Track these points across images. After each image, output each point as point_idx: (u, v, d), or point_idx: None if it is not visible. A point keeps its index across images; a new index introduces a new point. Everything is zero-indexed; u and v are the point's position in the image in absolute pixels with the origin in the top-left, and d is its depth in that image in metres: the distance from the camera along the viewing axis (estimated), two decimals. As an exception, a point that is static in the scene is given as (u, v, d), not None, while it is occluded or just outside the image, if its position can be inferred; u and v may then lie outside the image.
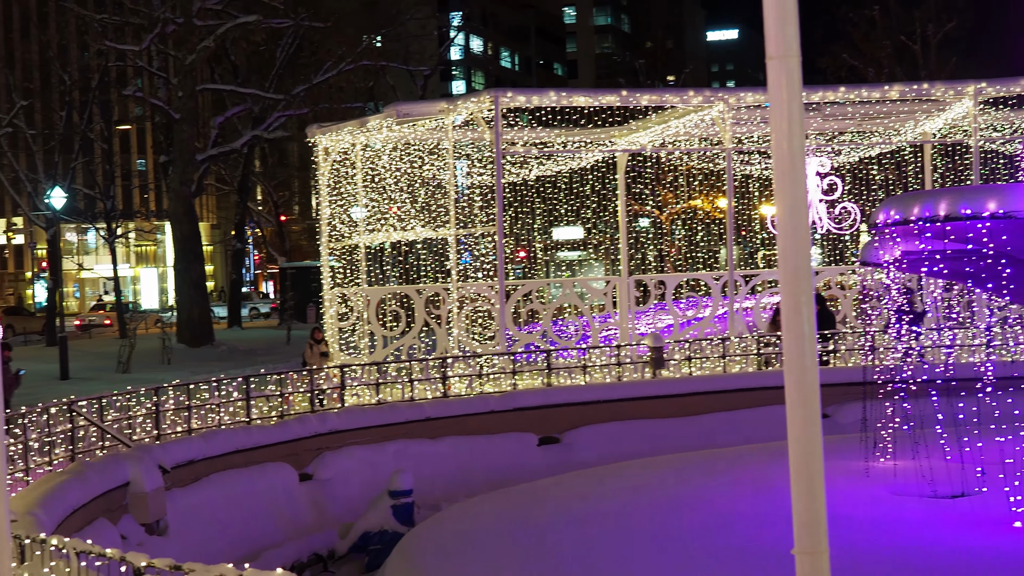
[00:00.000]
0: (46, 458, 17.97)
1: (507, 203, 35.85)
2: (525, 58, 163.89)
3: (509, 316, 29.34)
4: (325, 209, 33.84)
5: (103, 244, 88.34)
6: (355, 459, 23.06)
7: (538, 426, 25.44)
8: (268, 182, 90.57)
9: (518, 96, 29.19)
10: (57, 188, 62.51)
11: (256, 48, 70.62)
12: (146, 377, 41.94)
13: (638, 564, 14.21)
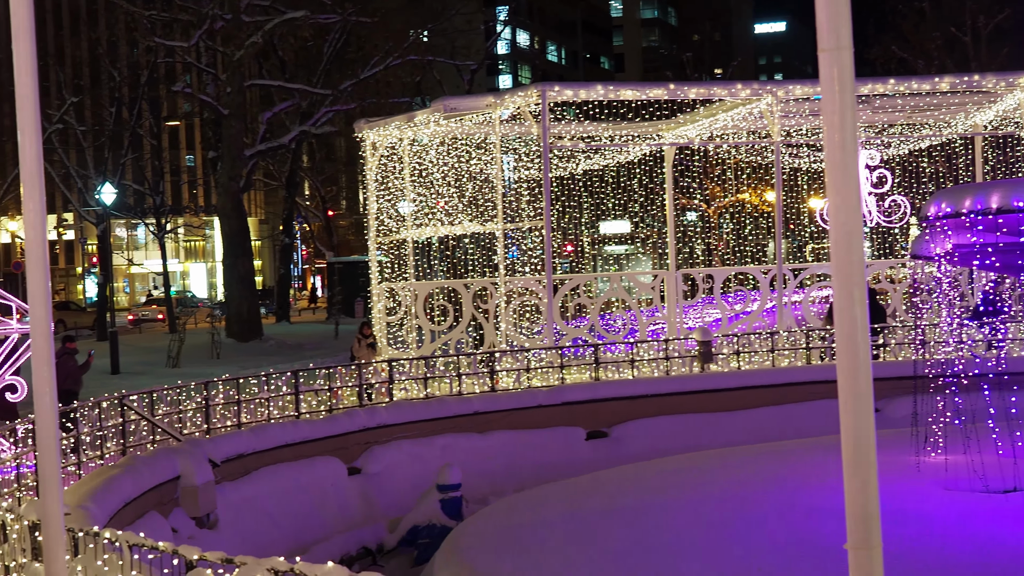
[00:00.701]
0: (98, 452, 18.12)
1: (554, 197, 35.84)
2: (572, 52, 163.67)
3: (557, 310, 29.31)
4: (373, 204, 33.92)
5: (152, 239, 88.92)
6: (403, 453, 23.12)
7: (586, 420, 25.42)
8: (316, 177, 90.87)
9: (565, 90, 29.16)
10: (107, 184, 62.96)
11: (303, 44, 70.76)
12: (195, 372, 42.18)
13: (688, 558, 14.17)
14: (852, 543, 4.92)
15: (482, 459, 23.65)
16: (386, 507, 22.09)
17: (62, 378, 25.84)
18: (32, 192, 7.51)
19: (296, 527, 20.31)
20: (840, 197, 4.82)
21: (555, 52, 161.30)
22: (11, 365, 22.06)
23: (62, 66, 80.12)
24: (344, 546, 20.35)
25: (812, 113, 33.03)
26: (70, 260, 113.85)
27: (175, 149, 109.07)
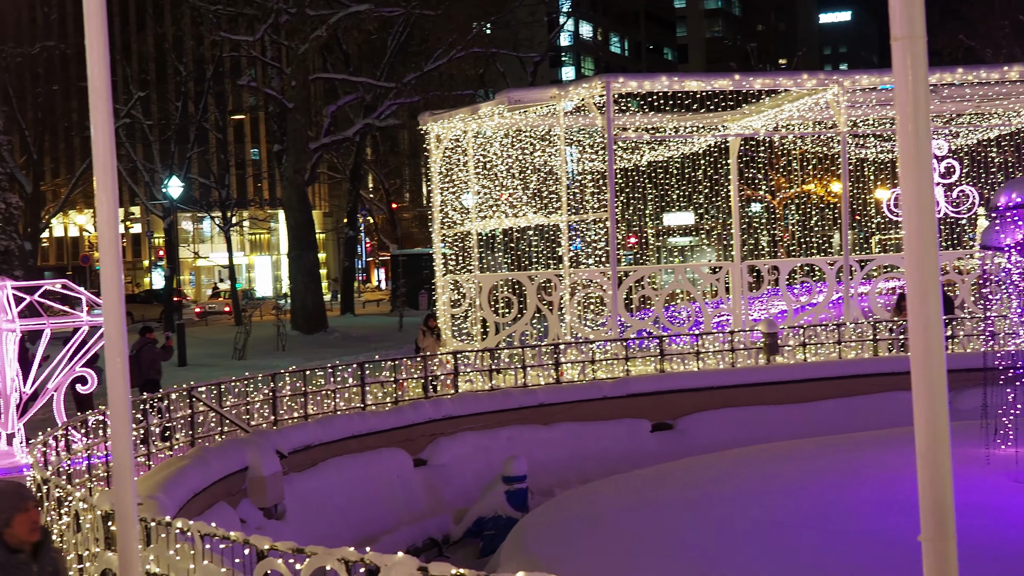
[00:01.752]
0: (167, 443, 18.29)
1: (618, 189, 35.75)
2: (635, 43, 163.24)
3: (621, 302, 29.26)
4: (437, 196, 34.00)
5: (218, 232, 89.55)
6: (469, 445, 23.19)
7: (651, 412, 25.38)
8: (380, 170, 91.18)
9: (630, 81, 29.07)
10: (174, 177, 63.49)
11: (367, 37, 71.00)
12: (261, 363, 42.45)
13: (755, 551, 14.12)
14: (926, 535, 4.89)
15: (547, 451, 23.68)
16: (452, 498, 22.16)
17: (147, 368, 26.13)
18: (105, 186, 7.58)
19: (362, 518, 20.41)
20: (914, 187, 4.78)
21: (618, 43, 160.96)
22: (81, 357, 22.32)
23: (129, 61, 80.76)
24: (410, 537, 20.43)
25: (879, 103, 32.76)
26: (137, 253, 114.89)
27: (240, 143, 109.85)
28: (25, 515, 6.67)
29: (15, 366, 22.01)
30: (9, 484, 6.78)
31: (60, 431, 14.84)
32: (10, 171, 64.18)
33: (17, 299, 21.88)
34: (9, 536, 6.60)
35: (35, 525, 6.72)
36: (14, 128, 71.30)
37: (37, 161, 73.62)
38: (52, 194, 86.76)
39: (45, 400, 22.69)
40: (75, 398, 24.01)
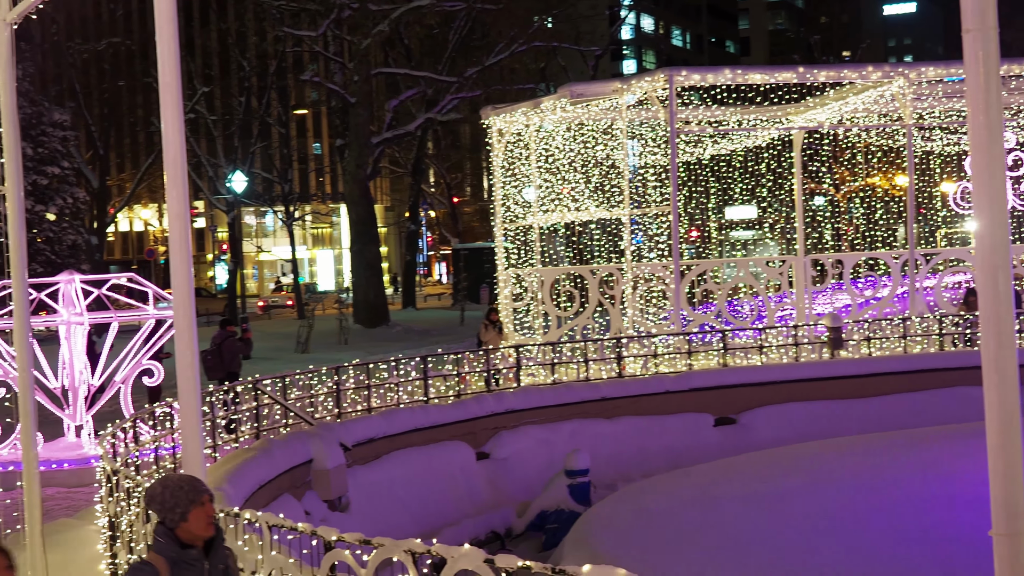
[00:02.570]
0: (232, 435, 18.44)
1: (681, 182, 35.66)
2: (697, 36, 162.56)
3: (683, 296, 29.18)
4: (498, 190, 34.03)
5: (281, 227, 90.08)
6: (531, 438, 23.22)
7: (714, 406, 25.32)
8: (441, 164, 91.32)
9: (692, 75, 28.97)
10: (237, 172, 63.90)
11: (429, 31, 71.16)
12: (324, 357, 42.65)
13: (818, 547, 14.06)
14: (997, 529, 4.87)
15: (610, 445, 23.67)
16: (514, 492, 22.21)
17: (228, 360, 26.36)
18: (175, 181, 7.67)
19: (425, 511, 20.49)
20: (985, 180, 4.76)
21: (680, 36, 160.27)
22: (148, 350, 22.54)
23: (193, 57, 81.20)
24: (473, 530, 20.49)
25: (946, 95, 32.44)
26: (200, 247, 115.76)
27: (303, 137, 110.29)
28: (201, 509, 6.52)
29: (83, 359, 22.28)
30: (185, 478, 6.68)
31: (128, 423, 14.99)
32: (77, 166, 64.88)
33: (85, 293, 22.13)
34: (183, 531, 6.48)
35: (210, 520, 6.57)
36: (81, 124, 72.00)
37: (103, 156, 74.28)
38: (118, 189, 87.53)
39: (113, 392, 22.95)
40: (148, 391, 24.24)
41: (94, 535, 13.43)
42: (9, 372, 21.05)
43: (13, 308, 12.55)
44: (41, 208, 46.32)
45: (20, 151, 12.21)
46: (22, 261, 12.15)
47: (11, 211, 12.08)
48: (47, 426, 22.69)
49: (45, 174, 47.55)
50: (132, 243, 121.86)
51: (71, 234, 49.50)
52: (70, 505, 19.17)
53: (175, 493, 6.50)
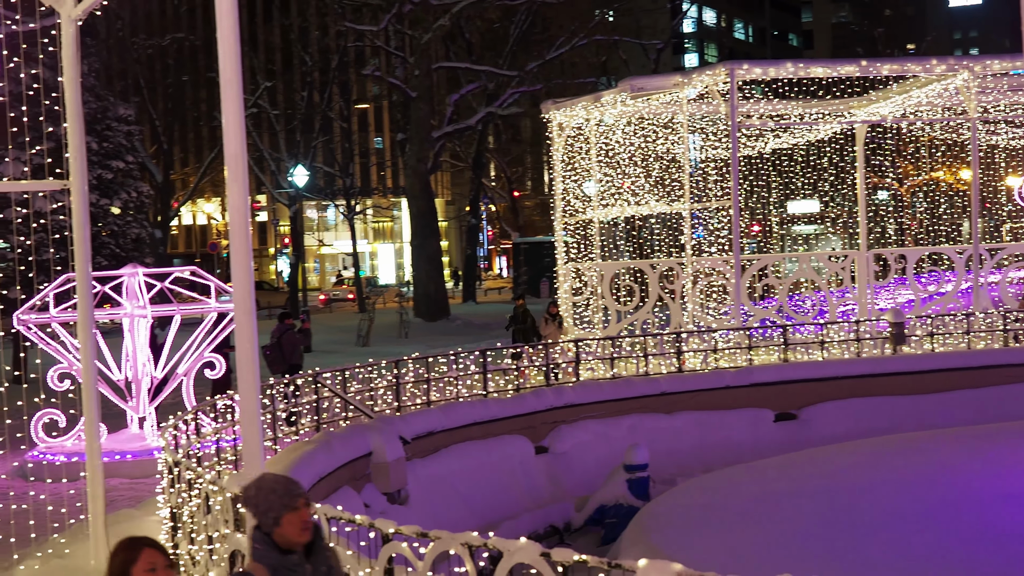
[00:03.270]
0: (293, 428, 18.56)
1: (742, 176, 35.51)
2: (759, 29, 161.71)
3: (744, 291, 29.07)
4: (559, 184, 34.02)
5: (342, 220, 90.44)
6: (590, 433, 23.20)
7: (774, 402, 25.20)
8: (501, 158, 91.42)
9: (754, 68, 28.84)
10: (299, 166, 64.25)
11: (490, 25, 71.23)
12: (384, 350, 42.81)
13: (879, 542, 13.98)
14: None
15: (669, 439, 23.62)
16: (573, 486, 22.20)
17: (289, 353, 26.56)
18: (235, 175, 7.73)
19: (484, 504, 20.53)
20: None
21: (742, 30, 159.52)
22: (210, 342, 22.74)
23: (256, 52, 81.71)
24: (532, 524, 20.50)
25: (1011, 88, 32.10)
26: (263, 241, 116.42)
27: (364, 131, 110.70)
28: (295, 514, 6.22)
29: (146, 352, 22.50)
30: (279, 480, 6.40)
31: (190, 415, 15.13)
32: (141, 160, 65.41)
33: (148, 286, 22.34)
34: (278, 536, 6.21)
35: (306, 525, 6.26)
36: (145, 118, 72.61)
37: (167, 151, 74.93)
38: (181, 183, 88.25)
39: (175, 385, 23.16)
40: (213, 383, 24.42)
41: (156, 525, 13.57)
42: (74, 364, 21.30)
43: (78, 301, 12.68)
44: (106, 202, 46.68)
45: (84, 146, 12.35)
46: (86, 255, 12.28)
47: (76, 205, 12.22)
48: (111, 418, 22.94)
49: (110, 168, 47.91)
50: (195, 237, 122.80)
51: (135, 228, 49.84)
52: (133, 496, 19.37)
53: (268, 496, 6.27)
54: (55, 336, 22.25)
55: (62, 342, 21.92)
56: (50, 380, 21.77)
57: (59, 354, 21.90)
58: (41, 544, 14.75)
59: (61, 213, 32.99)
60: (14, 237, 34.52)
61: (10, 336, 33.86)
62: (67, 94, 12.12)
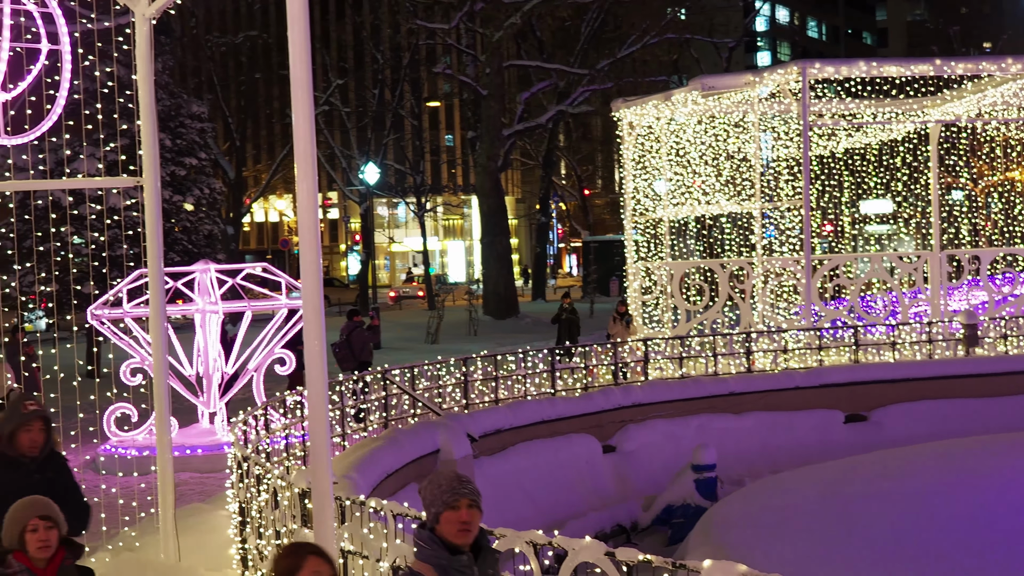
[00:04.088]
0: (361, 424, 18.64)
1: (813, 176, 35.28)
2: (833, 27, 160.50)
3: (815, 291, 28.87)
4: (629, 183, 33.94)
5: (412, 218, 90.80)
6: (658, 432, 23.15)
7: (845, 403, 25.03)
8: (572, 156, 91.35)
9: (826, 67, 28.62)
10: (370, 164, 64.50)
11: (561, 23, 71.18)
12: (453, 348, 42.95)
13: (949, 547, 13.84)
14: None
15: (737, 440, 23.52)
16: (640, 485, 22.16)
17: (359, 350, 26.71)
18: (305, 172, 7.77)
19: (551, 503, 20.53)
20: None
21: (815, 28, 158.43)
22: (281, 339, 22.89)
23: (328, 50, 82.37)
24: (598, 523, 20.48)
25: (1089, 88, 31.67)
26: (334, 238, 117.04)
27: (435, 129, 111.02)
28: (455, 513, 6.01)
29: (217, 347, 22.69)
30: (451, 476, 6.16)
31: (259, 410, 15.24)
32: (214, 157, 65.92)
33: (220, 282, 22.53)
34: (441, 533, 6.00)
35: (463, 527, 6.01)
36: (218, 116, 73.20)
37: (239, 148, 75.49)
38: (253, 180, 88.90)
39: (246, 380, 23.34)
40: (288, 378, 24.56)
41: (225, 520, 13.68)
42: (146, 359, 21.51)
43: (150, 296, 12.80)
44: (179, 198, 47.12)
45: (157, 143, 12.47)
46: (159, 250, 12.40)
47: (148, 201, 12.34)
48: (181, 413, 23.15)
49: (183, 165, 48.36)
50: (267, 233, 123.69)
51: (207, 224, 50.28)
52: (202, 490, 19.54)
53: (433, 491, 6.11)
54: (128, 331, 22.49)
55: (135, 337, 22.16)
56: (122, 374, 22.01)
57: (132, 349, 22.14)
58: (112, 537, 14.91)
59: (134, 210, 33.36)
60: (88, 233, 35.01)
61: (84, 331, 34.31)
62: (141, 92, 12.24)
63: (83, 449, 22.46)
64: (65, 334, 33.04)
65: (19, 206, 36.00)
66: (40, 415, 8.74)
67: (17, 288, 32.25)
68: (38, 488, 7.93)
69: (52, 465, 8.88)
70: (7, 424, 8.72)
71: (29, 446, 8.70)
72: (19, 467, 8.64)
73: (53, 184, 15.31)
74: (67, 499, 8.31)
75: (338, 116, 77.15)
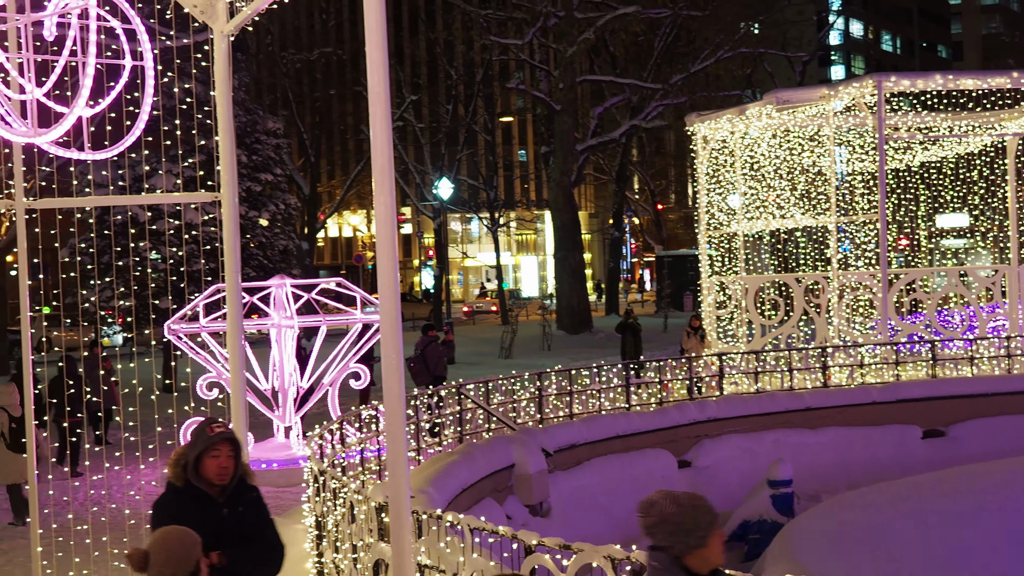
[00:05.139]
0: (436, 439, 18.68)
1: (889, 189, 34.99)
2: (907, 41, 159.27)
3: (891, 305, 28.63)
4: (703, 197, 33.85)
5: (486, 233, 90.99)
6: (733, 447, 23.04)
7: (922, 418, 24.79)
8: (645, 171, 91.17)
9: (902, 80, 28.42)
10: (444, 179, 64.71)
11: (634, 39, 71.10)
12: (527, 363, 42.93)
13: (1030, 564, 13.67)
14: None
15: (813, 455, 23.36)
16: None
17: (433, 365, 26.80)
18: (383, 186, 7.81)
19: (626, 518, 20.38)
20: None
21: (889, 41, 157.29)
22: (355, 353, 23.00)
23: (402, 65, 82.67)
24: (674, 538, 20.34)
25: None
26: (407, 253, 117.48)
27: (508, 144, 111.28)
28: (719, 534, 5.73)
29: (293, 362, 22.82)
30: (698, 497, 5.83)
31: (335, 425, 15.31)
32: (289, 173, 66.47)
33: (295, 297, 22.68)
34: (696, 559, 5.67)
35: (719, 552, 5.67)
36: (293, 132, 73.74)
37: (314, 163, 75.97)
38: (327, 195, 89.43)
39: (321, 395, 23.47)
40: (359, 393, 24.68)
41: (301, 534, 13.74)
42: (222, 373, 21.68)
43: (227, 311, 12.90)
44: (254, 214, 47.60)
45: (235, 159, 12.57)
46: (236, 265, 12.49)
47: (226, 217, 12.44)
48: (257, 427, 23.33)
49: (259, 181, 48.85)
50: (341, 248, 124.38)
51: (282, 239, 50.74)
52: (278, 504, 19.65)
53: (694, 514, 5.72)
54: (204, 346, 22.67)
55: (211, 352, 22.33)
56: (199, 389, 22.19)
57: (208, 363, 22.31)
58: (190, 549, 15.01)
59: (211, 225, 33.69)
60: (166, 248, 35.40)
61: (161, 345, 34.67)
62: (219, 108, 12.35)
63: (161, 463, 22.67)
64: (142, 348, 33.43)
65: (98, 222, 36.48)
66: (227, 438, 7.69)
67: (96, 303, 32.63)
68: (227, 525, 7.45)
69: (243, 498, 7.83)
70: (191, 450, 7.64)
71: (217, 474, 7.64)
72: (205, 501, 7.60)
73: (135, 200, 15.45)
74: (258, 538, 7.74)
75: (412, 131, 77.53)
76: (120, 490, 21.35)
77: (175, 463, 7.65)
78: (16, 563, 16.39)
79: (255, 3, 11.13)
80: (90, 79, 7.78)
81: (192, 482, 7.57)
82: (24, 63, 8.23)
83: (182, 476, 7.60)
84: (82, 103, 7.95)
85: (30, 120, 8.30)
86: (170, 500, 7.57)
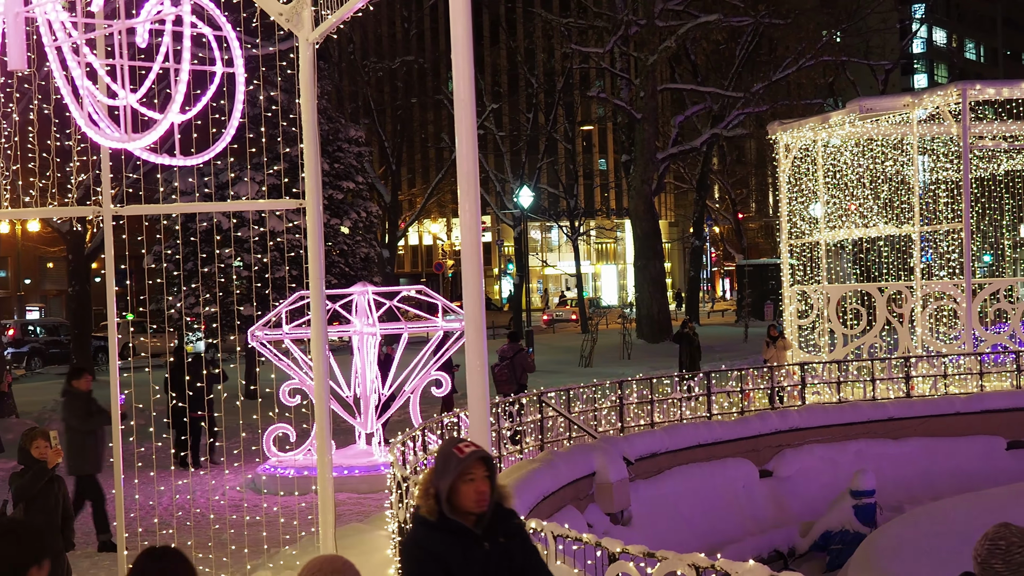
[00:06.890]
0: (517, 446, 18.73)
1: (974, 199, 34.61)
2: (991, 49, 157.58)
3: (975, 315, 28.34)
4: (784, 206, 33.68)
5: (566, 241, 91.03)
6: (816, 457, 22.89)
7: (1007, 429, 24.49)
8: (726, 179, 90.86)
9: (987, 88, 28.15)
10: (524, 187, 64.81)
11: (716, 47, 70.93)
12: (607, 371, 42.92)
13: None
14: None
15: (896, 466, 23.16)
16: (797, 511, 21.93)
17: (519, 373, 26.89)
18: (467, 193, 7.88)
19: (707, 527, 20.41)
20: None
21: (973, 50, 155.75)
22: (436, 360, 23.11)
23: (483, 74, 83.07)
24: (756, 548, 20.30)
25: None
26: (487, 261, 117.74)
27: (588, 153, 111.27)
28: None
29: (375, 368, 22.97)
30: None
31: (417, 431, 15.40)
32: (370, 181, 66.88)
33: (377, 304, 22.83)
34: None
35: None
36: (374, 140, 74.22)
37: (395, 171, 76.42)
38: (408, 203, 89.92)
39: (402, 402, 23.61)
40: (441, 400, 24.79)
41: (383, 540, 13.85)
42: (305, 380, 21.88)
43: (311, 318, 13.02)
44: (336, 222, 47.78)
45: (320, 167, 12.70)
46: (320, 273, 12.60)
47: (311, 225, 12.56)
48: (339, 433, 23.52)
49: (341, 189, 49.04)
50: (421, 256, 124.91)
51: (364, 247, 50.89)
52: (361, 510, 19.80)
53: None
54: (287, 352, 22.89)
55: (294, 358, 22.53)
56: (282, 395, 22.41)
57: (291, 370, 22.52)
58: (273, 555, 15.20)
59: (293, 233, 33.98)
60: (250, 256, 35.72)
61: (245, 352, 35.01)
62: (304, 116, 12.47)
63: (245, 468, 22.92)
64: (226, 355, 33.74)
65: (182, 229, 36.92)
66: (481, 456, 6.33)
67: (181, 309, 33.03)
68: (492, 561, 6.27)
69: (504, 527, 6.44)
70: (442, 478, 6.28)
71: (476, 501, 6.27)
72: (464, 536, 6.29)
73: (221, 207, 15.66)
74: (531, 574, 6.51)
75: (492, 140, 77.75)
76: (204, 495, 21.62)
77: (426, 494, 6.34)
78: (101, 566, 16.63)
79: (340, 11, 11.24)
80: (184, 85, 7.91)
81: (446, 514, 6.28)
82: (117, 69, 8.38)
83: (435, 509, 6.30)
84: (176, 109, 8.08)
85: (123, 126, 8.45)
86: (426, 538, 6.29)
